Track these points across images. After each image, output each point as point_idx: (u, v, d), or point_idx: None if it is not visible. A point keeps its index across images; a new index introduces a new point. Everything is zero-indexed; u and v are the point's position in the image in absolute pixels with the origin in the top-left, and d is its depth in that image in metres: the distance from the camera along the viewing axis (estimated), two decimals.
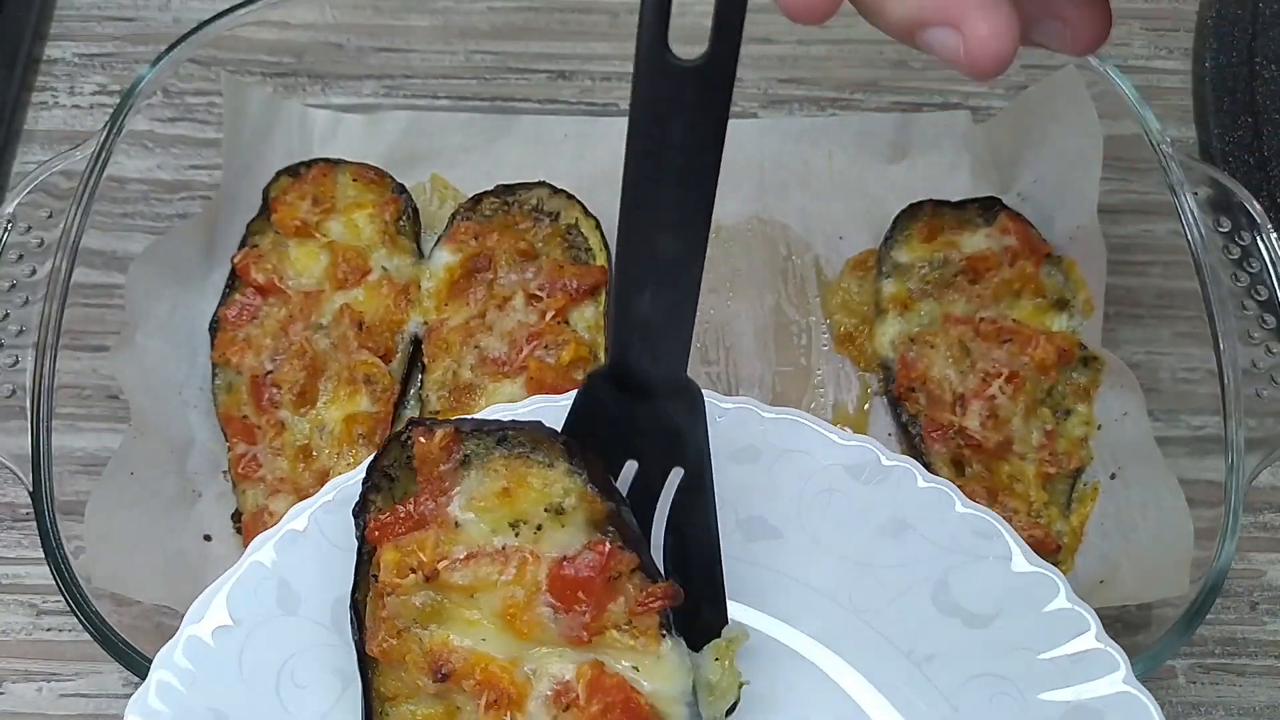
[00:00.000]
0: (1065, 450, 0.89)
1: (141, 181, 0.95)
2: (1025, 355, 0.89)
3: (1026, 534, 0.81)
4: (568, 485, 0.64)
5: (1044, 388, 0.90)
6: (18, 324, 0.80)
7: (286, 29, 0.97)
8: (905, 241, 0.95)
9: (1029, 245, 0.93)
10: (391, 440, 0.67)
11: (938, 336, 0.91)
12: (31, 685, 0.83)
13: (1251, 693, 0.84)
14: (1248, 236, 0.83)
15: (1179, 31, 1.05)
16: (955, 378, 0.90)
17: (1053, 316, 0.92)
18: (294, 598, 0.70)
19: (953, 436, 0.88)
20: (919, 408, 0.90)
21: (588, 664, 0.62)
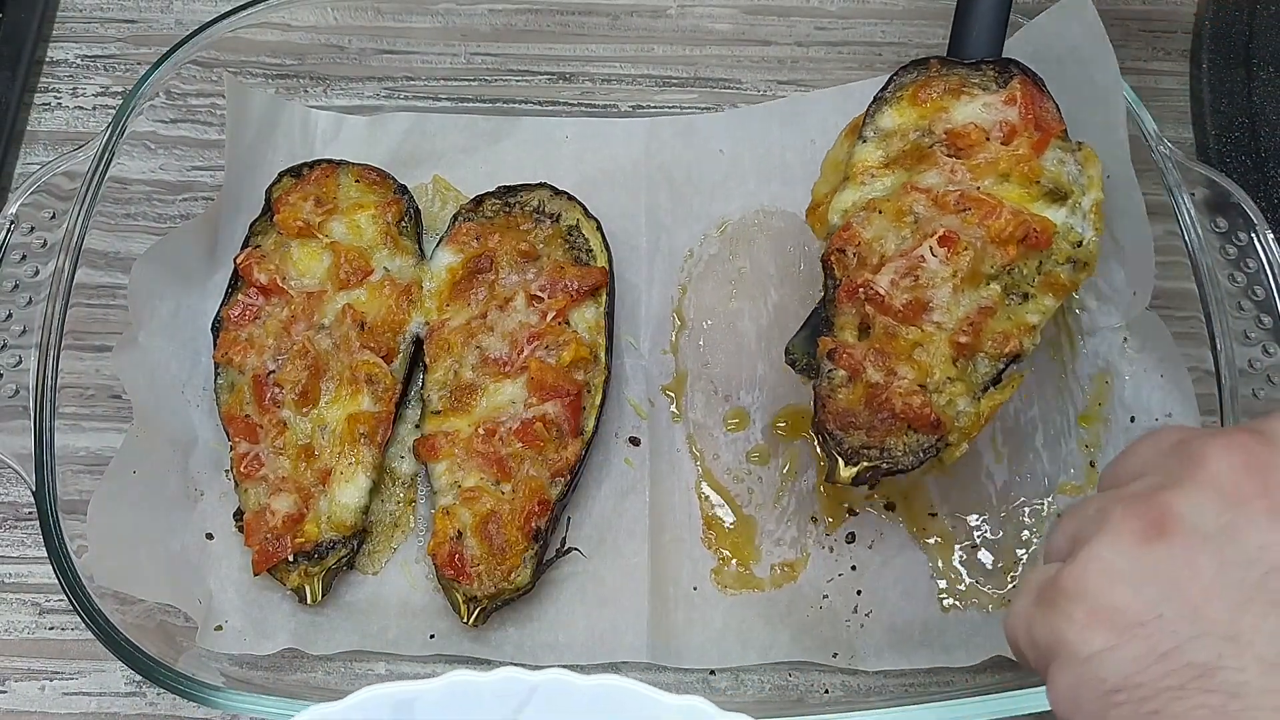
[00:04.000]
0: (1002, 330, 0.78)
1: (144, 182, 0.95)
2: (981, 226, 0.78)
3: (904, 401, 0.76)
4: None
5: (996, 264, 0.78)
6: (21, 324, 0.81)
7: (289, 31, 0.98)
8: (895, 103, 0.84)
9: (1036, 122, 0.81)
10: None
11: (888, 203, 0.81)
12: (35, 684, 0.84)
13: None
14: (1245, 237, 0.83)
15: (1176, 33, 1.05)
16: (893, 241, 0.80)
17: (1044, 209, 0.80)
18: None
19: (860, 295, 0.79)
20: (845, 270, 0.81)
21: None
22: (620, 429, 0.91)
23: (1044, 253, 0.79)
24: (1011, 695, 0.73)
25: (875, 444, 0.78)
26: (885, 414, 0.77)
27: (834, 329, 0.80)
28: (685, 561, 0.87)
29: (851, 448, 0.78)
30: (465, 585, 0.82)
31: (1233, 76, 1.00)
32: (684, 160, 0.99)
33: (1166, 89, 1.03)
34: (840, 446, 0.78)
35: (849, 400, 0.78)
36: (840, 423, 0.78)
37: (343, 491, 0.84)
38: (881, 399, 0.77)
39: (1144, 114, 0.87)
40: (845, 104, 0.97)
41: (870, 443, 0.78)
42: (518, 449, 0.83)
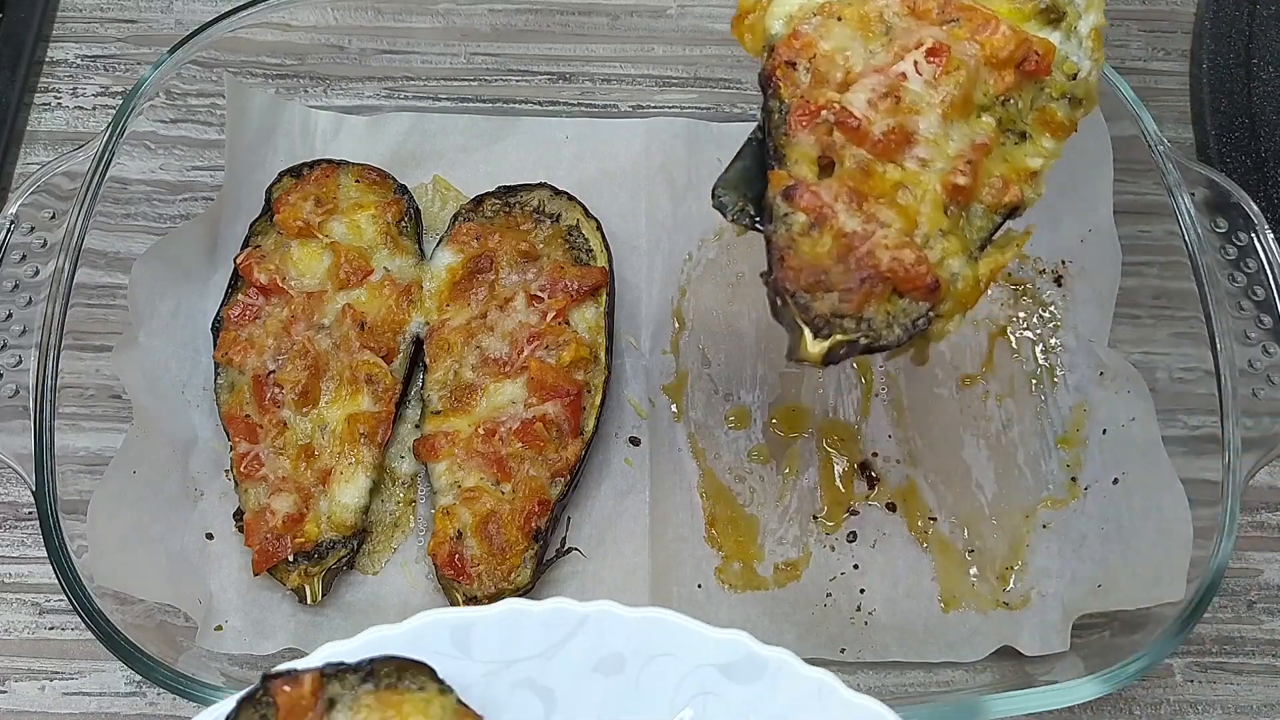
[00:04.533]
0: (999, 174, 0.66)
1: (144, 182, 0.95)
2: (973, 39, 0.65)
3: (892, 255, 0.61)
4: (443, 704, 0.64)
5: (990, 92, 0.66)
6: (21, 324, 0.81)
7: (289, 31, 0.98)
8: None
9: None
10: (244, 702, 0.63)
11: (849, 7, 0.67)
12: (35, 684, 0.84)
13: (1248, 691, 0.84)
14: (1245, 237, 0.83)
15: (1176, 33, 1.05)
16: (857, 54, 0.66)
17: (1039, 27, 0.68)
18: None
19: (824, 120, 0.64)
20: (795, 92, 0.66)
21: None
22: (620, 429, 0.91)
23: (1038, 84, 0.67)
24: (1010, 696, 0.73)
25: (850, 311, 0.62)
26: (866, 272, 0.61)
27: (784, 159, 0.65)
28: (689, 560, 0.87)
29: (820, 315, 0.62)
30: (465, 585, 0.81)
31: (1233, 76, 1.00)
32: (684, 162, 0.99)
33: (1167, 88, 1.03)
34: (807, 313, 0.62)
35: (815, 253, 0.62)
36: (805, 281, 0.62)
37: (343, 491, 0.84)
38: (861, 253, 0.61)
39: (1144, 113, 0.87)
40: None
41: (843, 309, 0.62)
42: (518, 449, 0.83)
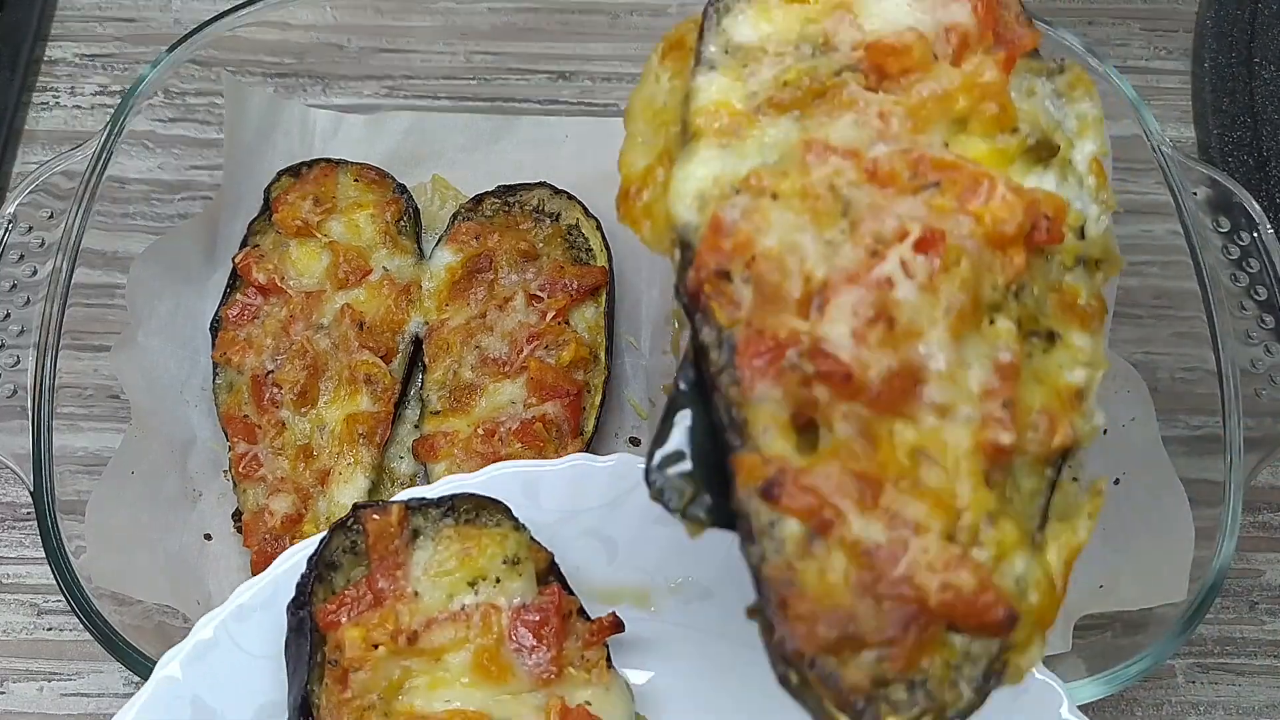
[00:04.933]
0: (1043, 408, 0.47)
1: (142, 182, 0.95)
2: (964, 214, 0.46)
3: (942, 580, 0.43)
4: (517, 539, 0.69)
5: (1000, 282, 0.47)
6: (19, 324, 0.80)
7: (287, 29, 0.97)
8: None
9: (996, 26, 0.51)
10: (335, 528, 0.69)
11: (787, 178, 0.48)
12: (33, 684, 0.83)
13: (1250, 692, 0.84)
14: (1247, 236, 0.83)
15: (1178, 32, 1.05)
16: (814, 251, 0.46)
17: (1024, 174, 0.50)
18: (209, 713, 0.69)
19: (794, 364, 0.45)
20: (734, 315, 0.47)
21: (555, 698, 0.65)
22: (620, 429, 0.90)
23: (1045, 257, 0.50)
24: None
25: (896, 673, 0.43)
26: (909, 610, 0.43)
27: (746, 431, 0.46)
28: None
29: (856, 689, 0.43)
30: None
31: (1235, 75, 1.00)
32: None
33: (1169, 87, 1.03)
34: (836, 690, 0.43)
35: (828, 588, 0.43)
36: (825, 639, 0.43)
37: (341, 492, 0.84)
38: (894, 578, 0.43)
39: (1146, 112, 0.86)
40: None
41: (886, 671, 0.43)
42: (517, 449, 0.83)
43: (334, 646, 0.66)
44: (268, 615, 0.70)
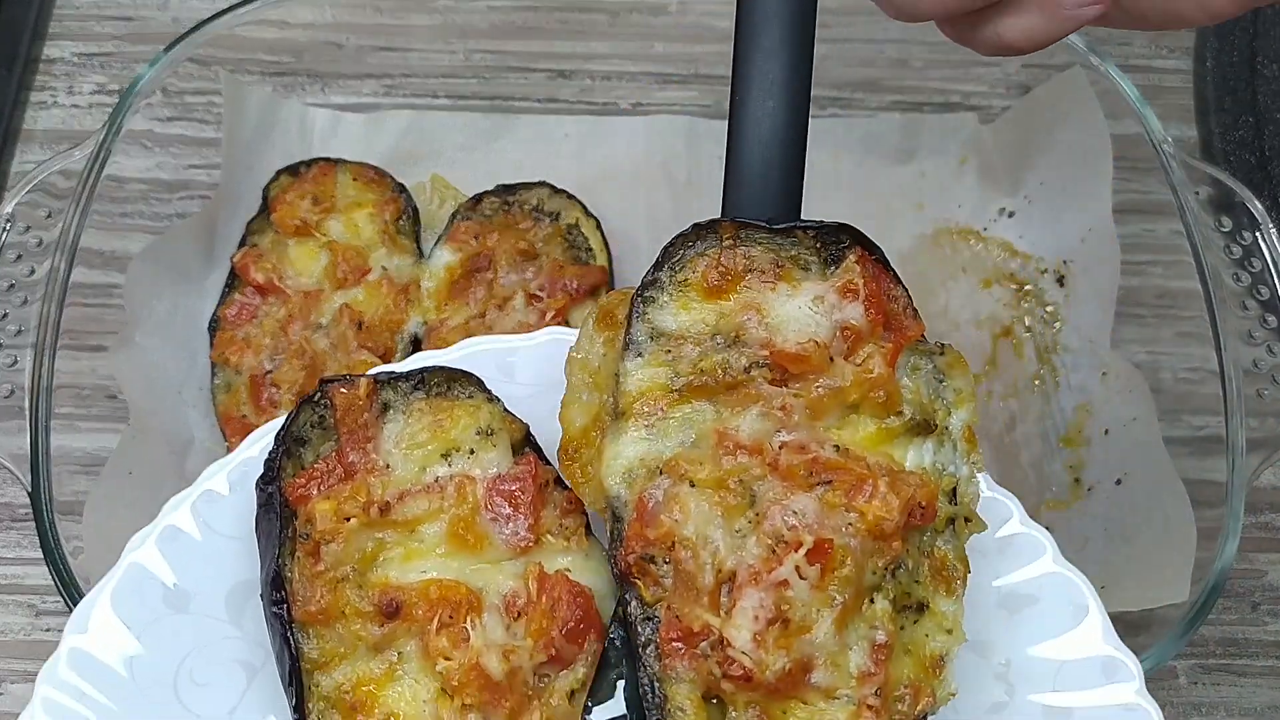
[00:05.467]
0: (910, 678, 0.57)
1: (140, 181, 0.95)
2: (850, 509, 0.56)
3: None
4: (490, 410, 0.68)
5: (880, 565, 0.57)
6: (16, 324, 0.80)
7: (286, 28, 0.97)
8: (678, 293, 0.61)
9: (885, 320, 0.60)
10: (303, 403, 0.68)
11: (703, 466, 0.57)
12: (31, 686, 0.83)
13: (1253, 693, 0.84)
14: (1249, 236, 0.82)
15: (1180, 31, 1.05)
16: (724, 542, 0.56)
17: (907, 448, 0.60)
18: (182, 595, 0.69)
19: (705, 654, 0.55)
20: (658, 594, 0.56)
21: (534, 565, 0.65)
22: None
23: (920, 529, 0.58)
24: None
25: None
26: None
27: (666, 709, 0.55)
28: None
29: None
30: None
31: (1237, 74, 1.00)
32: (685, 160, 0.98)
33: (1170, 86, 1.03)
34: None
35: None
36: None
37: None
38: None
39: (1148, 111, 0.86)
40: (846, 134, 0.99)
41: None
42: None
43: (304, 520, 0.66)
44: (238, 497, 0.70)
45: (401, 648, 0.64)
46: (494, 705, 0.63)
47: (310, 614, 0.64)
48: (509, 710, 0.63)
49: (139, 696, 0.66)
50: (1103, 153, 0.89)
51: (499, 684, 0.63)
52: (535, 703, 0.64)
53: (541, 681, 0.64)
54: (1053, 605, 0.67)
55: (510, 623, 0.64)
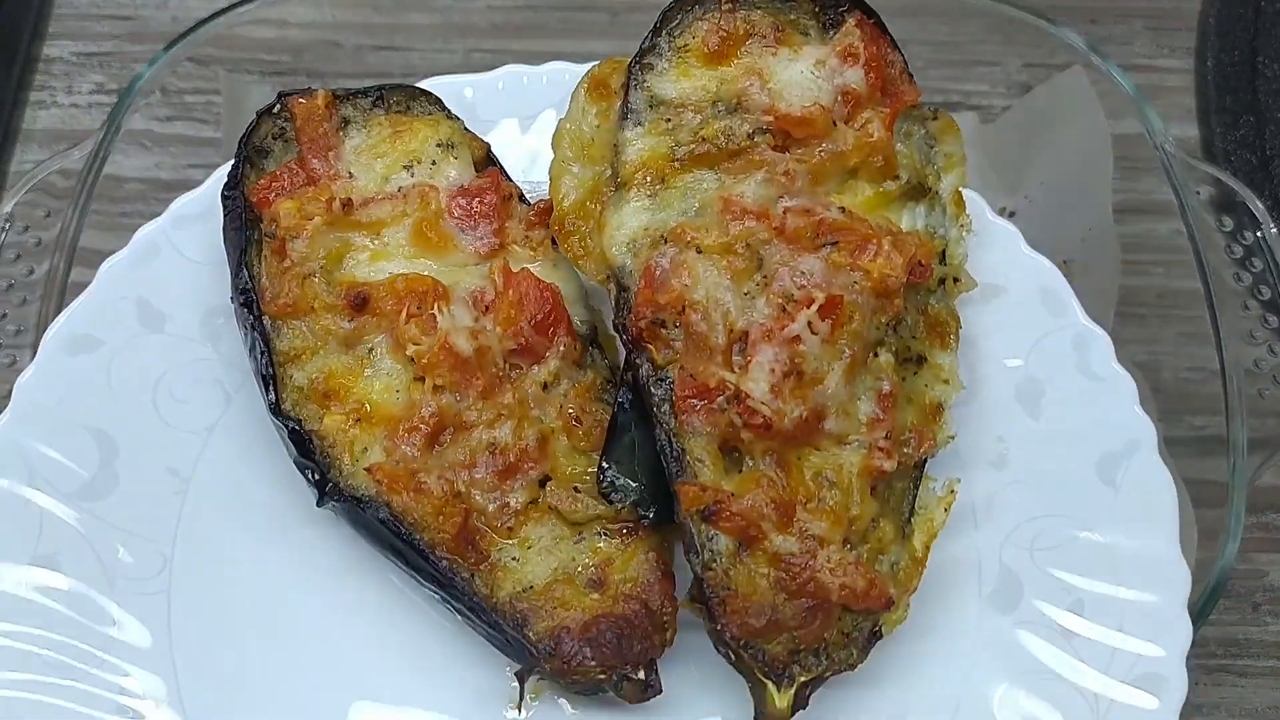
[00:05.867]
0: (913, 424, 0.61)
1: (139, 181, 0.94)
2: (856, 269, 0.57)
3: (841, 581, 0.56)
4: (450, 126, 0.70)
5: (883, 321, 0.59)
6: (15, 324, 0.80)
7: (285, 27, 0.97)
8: (678, 59, 0.61)
9: (884, 85, 0.61)
10: (261, 115, 0.71)
11: (709, 233, 0.58)
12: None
13: (1254, 694, 0.83)
14: (1250, 236, 0.82)
15: (1181, 30, 1.05)
16: (734, 304, 0.57)
17: (902, 211, 0.62)
18: (157, 316, 0.72)
19: (722, 407, 0.56)
20: (669, 356, 0.58)
21: (499, 262, 0.66)
22: None
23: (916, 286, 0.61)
24: None
25: (807, 644, 0.57)
26: (814, 601, 0.56)
27: (684, 460, 0.58)
28: None
29: (778, 660, 0.57)
30: None
31: (1238, 73, 0.99)
32: None
33: (1172, 86, 1.03)
34: (764, 662, 0.57)
35: (755, 590, 0.56)
36: (756, 628, 0.56)
37: None
38: (804, 579, 0.56)
39: (1149, 111, 0.86)
40: None
41: (800, 643, 0.57)
42: None
43: (269, 220, 0.68)
44: (208, 225, 0.72)
45: (372, 342, 0.66)
46: (465, 384, 0.64)
47: (279, 307, 0.66)
48: (481, 389, 0.64)
49: (118, 406, 0.69)
50: (1103, 152, 0.88)
51: (468, 362, 0.63)
52: (507, 385, 0.64)
53: (513, 372, 0.65)
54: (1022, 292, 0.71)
55: (479, 315, 0.65)
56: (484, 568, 0.63)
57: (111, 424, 0.69)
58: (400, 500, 0.62)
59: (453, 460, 0.63)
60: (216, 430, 0.71)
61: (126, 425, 0.69)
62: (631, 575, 0.62)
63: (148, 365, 0.71)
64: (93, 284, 0.72)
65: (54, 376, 0.70)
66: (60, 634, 0.64)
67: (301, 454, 0.65)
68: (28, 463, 0.67)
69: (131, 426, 0.70)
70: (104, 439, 0.69)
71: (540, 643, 0.61)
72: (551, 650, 0.61)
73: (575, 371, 0.66)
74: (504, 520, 0.63)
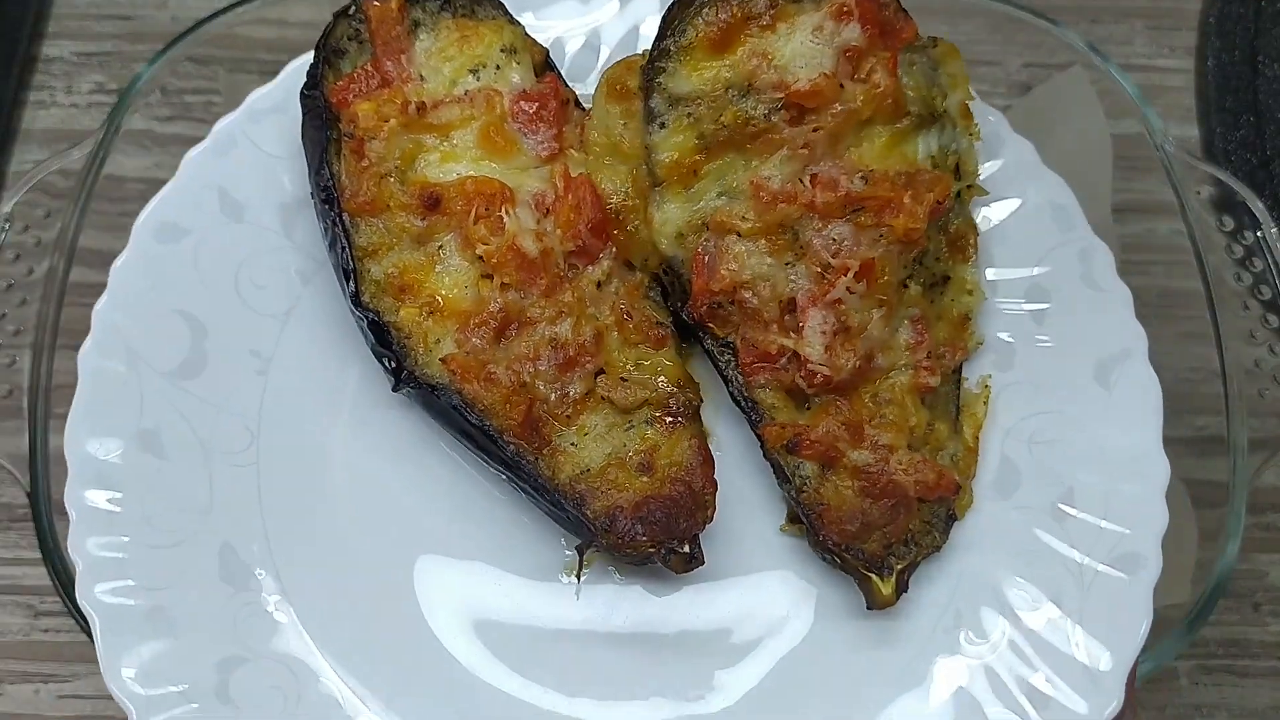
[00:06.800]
0: (945, 339, 0.70)
1: (139, 180, 0.94)
2: (881, 229, 0.64)
3: (914, 479, 0.66)
4: (513, 31, 0.75)
5: (909, 258, 0.67)
6: (15, 324, 0.80)
7: (284, 27, 0.97)
8: (684, 56, 0.66)
9: (881, 28, 0.65)
10: (337, 16, 0.74)
11: (745, 218, 0.65)
12: (29, 686, 0.83)
13: (1254, 694, 0.84)
14: (1250, 236, 0.82)
15: (1181, 30, 1.05)
16: (779, 276, 0.65)
17: (916, 141, 0.67)
18: (237, 206, 0.77)
19: (785, 368, 0.66)
20: (730, 328, 0.66)
21: (559, 166, 0.71)
22: None
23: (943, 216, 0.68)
24: None
25: (896, 537, 0.67)
26: (894, 499, 0.66)
27: (758, 410, 0.68)
28: None
29: (876, 555, 0.66)
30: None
31: (1238, 73, 0.99)
32: None
33: (1172, 86, 1.03)
34: (864, 559, 0.66)
35: (844, 500, 0.66)
36: (851, 532, 0.66)
37: None
38: (883, 483, 0.66)
39: (1149, 111, 0.86)
40: None
41: (890, 537, 0.66)
42: None
43: (348, 121, 0.72)
44: (282, 117, 0.78)
45: (443, 239, 0.70)
46: (530, 283, 0.69)
47: (358, 205, 0.70)
48: (544, 288, 0.69)
49: (204, 290, 0.75)
50: (1103, 152, 0.88)
51: (534, 262, 0.69)
52: (566, 285, 0.70)
53: (571, 271, 0.70)
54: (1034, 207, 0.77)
55: (540, 217, 0.70)
56: (546, 452, 0.69)
57: (199, 308, 0.74)
58: (471, 389, 0.68)
59: (518, 353, 0.69)
60: (293, 315, 0.76)
61: (213, 309, 0.75)
62: (676, 459, 0.68)
63: (231, 253, 0.76)
64: (178, 173, 0.77)
65: (146, 262, 0.75)
66: (163, 502, 0.70)
67: (380, 343, 0.70)
68: (127, 344, 0.73)
69: (218, 310, 0.75)
70: (194, 322, 0.74)
71: (597, 520, 0.67)
72: (608, 527, 0.67)
73: (625, 271, 0.72)
74: (564, 409, 0.69)
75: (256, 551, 0.71)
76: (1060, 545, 0.70)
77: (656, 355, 0.70)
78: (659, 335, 0.70)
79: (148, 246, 0.75)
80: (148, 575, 0.68)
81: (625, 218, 0.69)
